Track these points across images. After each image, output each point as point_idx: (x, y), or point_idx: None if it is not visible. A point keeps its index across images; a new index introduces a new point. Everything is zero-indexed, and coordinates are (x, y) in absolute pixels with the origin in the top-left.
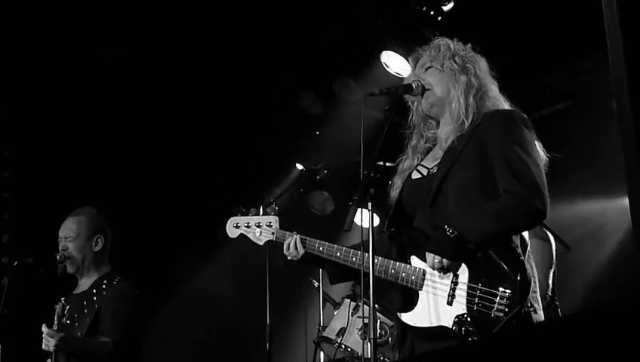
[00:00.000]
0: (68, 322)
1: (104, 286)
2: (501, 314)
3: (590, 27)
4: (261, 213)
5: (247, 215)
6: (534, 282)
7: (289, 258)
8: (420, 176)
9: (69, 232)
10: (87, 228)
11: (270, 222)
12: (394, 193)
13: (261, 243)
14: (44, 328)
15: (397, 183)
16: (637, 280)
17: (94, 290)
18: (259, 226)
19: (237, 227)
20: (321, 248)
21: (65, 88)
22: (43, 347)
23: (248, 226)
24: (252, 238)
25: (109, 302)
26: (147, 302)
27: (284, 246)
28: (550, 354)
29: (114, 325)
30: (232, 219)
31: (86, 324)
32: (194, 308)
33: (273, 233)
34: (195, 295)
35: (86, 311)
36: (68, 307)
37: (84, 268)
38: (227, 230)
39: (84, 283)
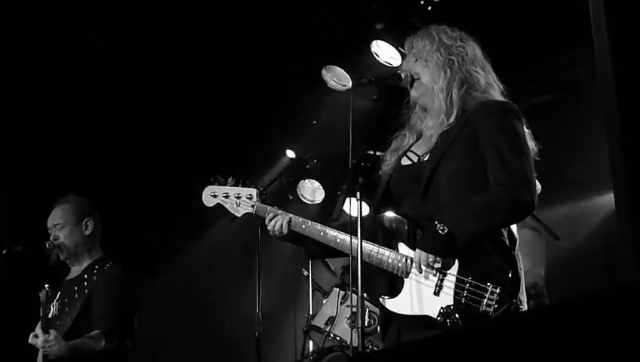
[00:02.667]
0: (59, 308)
1: (95, 271)
2: (490, 310)
3: (579, 18)
4: (241, 184)
5: (225, 185)
6: (522, 277)
7: (270, 233)
8: (410, 163)
9: (58, 220)
10: (74, 214)
11: (250, 195)
12: (385, 168)
13: (239, 214)
14: (31, 339)
15: (389, 160)
16: (621, 270)
17: (85, 275)
18: (238, 197)
19: (214, 196)
20: (304, 226)
21: (49, 78)
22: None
23: (227, 196)
24: (229, 209)
25: (100, 287)
26: (136, 287)
27: (267, 221)
28: (535, 343)
29: (106, 315)
30: (209, 187)
31: (77, 309)
32: (183, 297)
33: (253, 206)
34: (184, 283)
35: (77, 296)
36: (59, 293)
37: (77, 254)
38: (203, 198)
39: (76, 269)
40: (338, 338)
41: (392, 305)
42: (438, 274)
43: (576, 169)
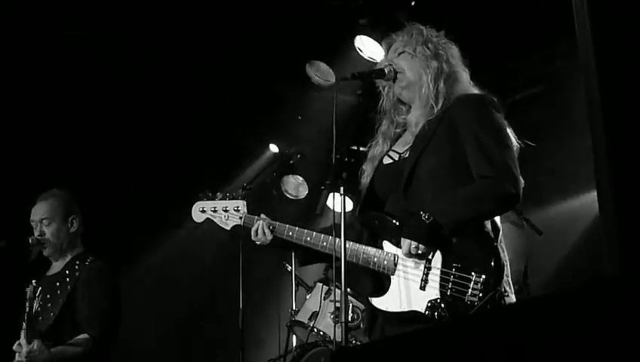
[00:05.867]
0: (40, 303)
1: (77, 267)
2: (475, 299)
3: (561, 12)
4: (228, 197)
5: (213, 199)
6: (507, 266)
7: (258, 243)
8: (391, 161)
9: (45, 215)
10: (61, 211)
11: (238, 207)
12: (365, 180)
13: (228, 228)
14: (16, 347)
15: (367, 170)
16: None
17: (67, 271)
18: (226, 211)
19: (203, 211)
20: (290, 233)
21: (31, 70)
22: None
23: (215, 211)
24: (218, 223)
25: (83, 283)
26: (119, 283)
27: (252, 232)
28: (520, 336)
29: (93, 317)
30: (197, 203)
31: (59, 305)
32: (165, 292)
33: (241, 218)
34: (167, 279)
35: (59, 292)
36: (40, 289)
37: (61, 250)
38: (193, 214)
39: (57, 265)
40: (322, 333)
41: (381, 303)
42: (423, 268)
43: (558, 165)
